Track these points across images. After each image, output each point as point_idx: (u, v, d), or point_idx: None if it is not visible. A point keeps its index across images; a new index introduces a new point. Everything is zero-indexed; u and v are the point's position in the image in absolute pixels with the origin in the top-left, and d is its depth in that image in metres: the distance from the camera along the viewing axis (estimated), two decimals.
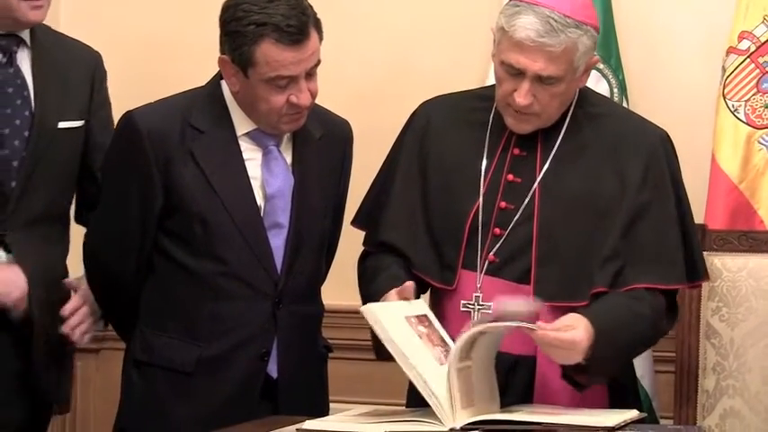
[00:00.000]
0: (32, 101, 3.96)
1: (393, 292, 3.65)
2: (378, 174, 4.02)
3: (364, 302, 3.69)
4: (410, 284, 3.65)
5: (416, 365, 3.42)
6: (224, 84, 3.93)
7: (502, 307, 3.53)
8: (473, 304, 3.74)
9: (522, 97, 3.69)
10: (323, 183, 3.99)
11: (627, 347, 3.72)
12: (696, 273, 3.86)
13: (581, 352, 3.51)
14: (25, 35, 3.93)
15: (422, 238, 3.88)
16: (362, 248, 4.01)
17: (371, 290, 3.76)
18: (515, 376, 3.72)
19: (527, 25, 3.63)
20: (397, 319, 3.53)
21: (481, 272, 3.73)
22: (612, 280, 3.68)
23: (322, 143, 4.02)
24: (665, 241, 3.77)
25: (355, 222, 4.05)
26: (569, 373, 3.60)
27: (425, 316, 3.59)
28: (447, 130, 3.93)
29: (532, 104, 3.71)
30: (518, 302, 3.54)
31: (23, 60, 3.96)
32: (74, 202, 4.23)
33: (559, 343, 3.50)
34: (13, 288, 3.87)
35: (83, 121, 4.04)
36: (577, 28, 3.68)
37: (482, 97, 3.94)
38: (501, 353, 3.69)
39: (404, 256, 3.88)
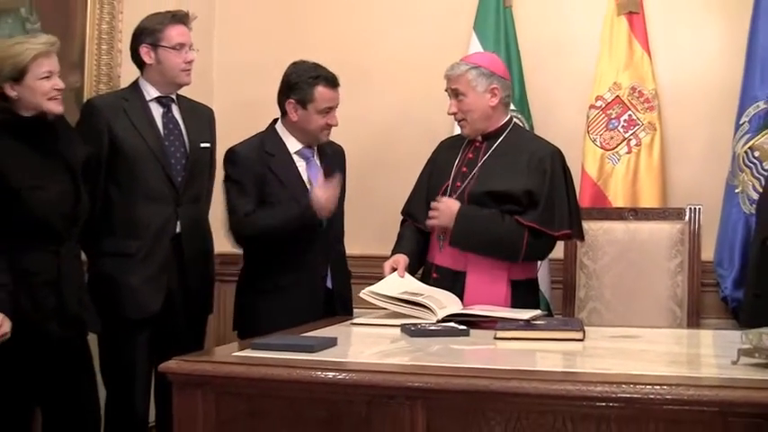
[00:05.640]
0: (183, 132, 3.90)
1: (387, 264, 3.72)
2: (417, 181, 4.00)
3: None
4: (399, 258, 3.74)
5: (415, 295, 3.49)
6: (277, 125, 3.98)
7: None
8: (441, 236, 3.78)
9: (450, 108, 3.80)
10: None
11: (487, 230, 3.66)
12: (580, 234, 3.89)
13: (454, 213, 3.65)
14: (173, 95, 3.92)
15: (422, 205, 3.88)
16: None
17: (391, 252, 3.83)
18: (455, 284, 3.69)
19: (447, 69, 3.79)
20: (392, 286, 3.59)
21: None
22: None
23: (331, 155, 4.08)
24: (554, 209, 3.71)
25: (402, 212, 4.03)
26: (452, 240, 3.69)
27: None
28: (446, 150, 3.97)
29: (457, 113, 3.78)
30: None
31: (175, 109, 3.91)
32: None
33: (440, 204, 3.68)
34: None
35: (209, 144, 4.02)
36: (468, 64, 3.78)
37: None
38: (444, 267, 3.77)
39: (413, 216, 3.92)
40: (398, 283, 3.63)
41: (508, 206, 3.71)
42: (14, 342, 3.25)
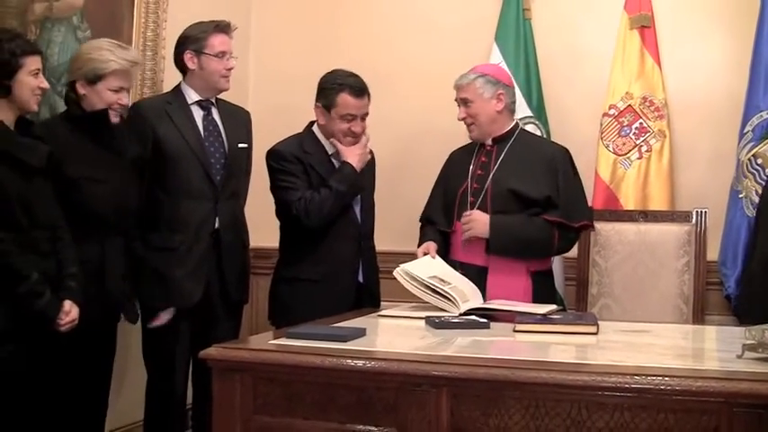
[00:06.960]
0: (222, 134, 3.88)
1: (419, 249, 3.76)
2: (432, 190, 4.04)
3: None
4: (430, 245, 3.76)
5: (446, 285, 3.48)
6: (313, 127, 3.95)
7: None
8: (464, 242, 3.75)
9: (459, 114, 3.84)
10: None
11: (521, 233, 3.69)
12: (593, 224, 3.91)
13: (486, 223, 3.67)
14: (213, 99, 3.92)
15: (440, 210, 3.93)
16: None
17: (418, 245, 3.84)
18: (479, 278, 3.69)
19: (456, 79, 3.84)
20: (424, 268, 3.58)
21: None
22: None
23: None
24: (573, 204, 3.77)
25: (421, 218, 4.03)
26: (491, 248, 3.69)
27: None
28: (459, 157, 3.99)
29: (467, 118, 3.82)
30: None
31: (214, 112, 3.91)
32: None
33: (473, 216, 3.68)
34: None
35: (246, 144, 4.01)
36: (475, 74, 3.82)
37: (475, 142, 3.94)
38: (468, 264, 3.76)
39: (433, 221, 3.94)
40: (430, 265, 3.64)
41: (533, 209, 3.73)
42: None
